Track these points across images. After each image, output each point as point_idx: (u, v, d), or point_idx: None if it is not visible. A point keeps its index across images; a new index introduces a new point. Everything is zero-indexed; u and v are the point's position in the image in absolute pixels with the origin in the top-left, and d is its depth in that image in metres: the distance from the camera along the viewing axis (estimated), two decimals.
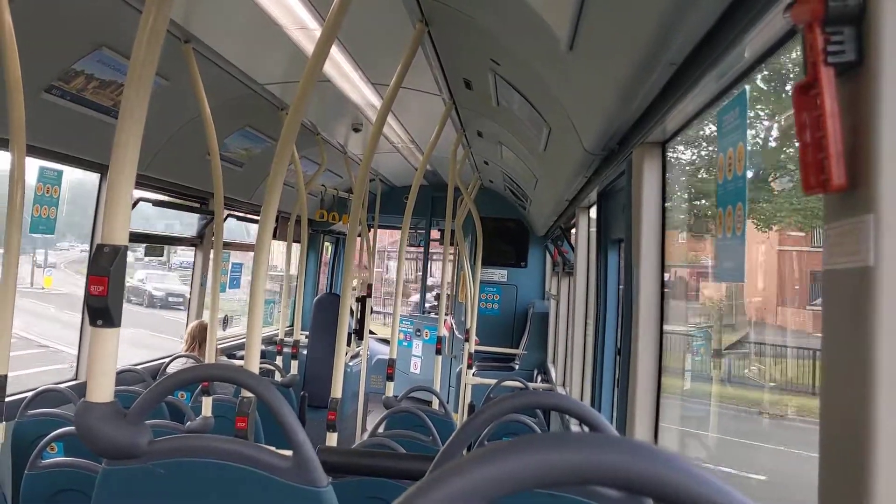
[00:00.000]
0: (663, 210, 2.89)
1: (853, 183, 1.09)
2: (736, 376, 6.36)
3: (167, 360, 6.05)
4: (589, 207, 5.38)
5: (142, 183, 5.60)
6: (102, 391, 1.85)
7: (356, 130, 7.12)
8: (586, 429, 1.87)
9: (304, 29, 4.10)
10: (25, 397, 4.12)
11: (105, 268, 1.86)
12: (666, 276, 2.91)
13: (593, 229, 5.08)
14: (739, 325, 6.67)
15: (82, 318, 5.29)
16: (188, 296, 7.11)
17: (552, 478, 0.56)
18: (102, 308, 1.86)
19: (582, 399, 5.33)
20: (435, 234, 11.73)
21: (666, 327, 2.84)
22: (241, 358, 7.44)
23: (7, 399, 3.07)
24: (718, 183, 2.06)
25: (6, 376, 3.01)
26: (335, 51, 4.49)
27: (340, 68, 4.93)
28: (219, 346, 6.35)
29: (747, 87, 2.00)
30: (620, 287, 4.27)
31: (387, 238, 22.98)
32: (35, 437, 3.58)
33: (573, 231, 6.19)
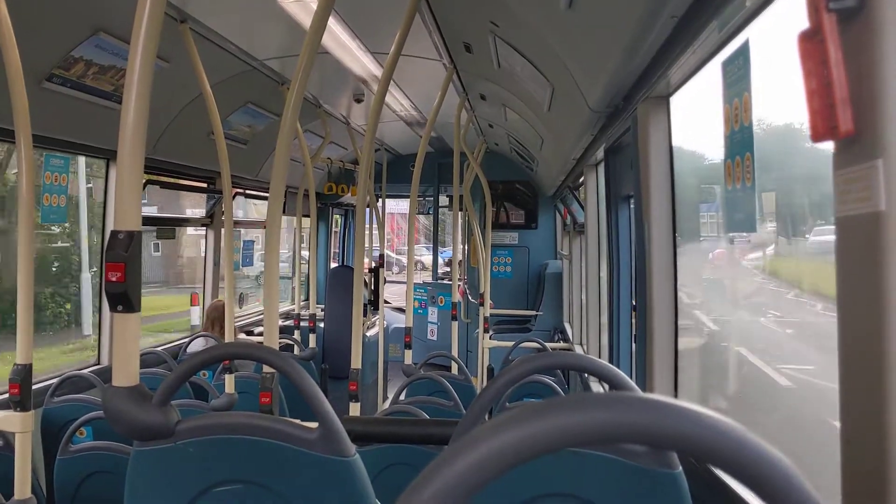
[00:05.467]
0: (671, 164, 2.88)
1: (860, 129, 1.09)
2: None
3: (187, 340, 6.12)
4: (597, 165, 5.36)
5: (149, 166, 5.60)
6: (128, 375, 1.87)
7: (358, 101, 7.09)
8: (607, 387, 1.89)
9: (299, 1, 4.07)
10: (51, 384, 4.19)
11: (121, 254, 1.87)
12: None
13: (602, 187, 5.07)
14: None
15: (100, 305, 5.34)
16: None
17: (586, 438, 0.57)
18: (121, 294, 1.88)
19: (600, 356, 5.36)
20: (444, 200, 11.72)
21: None
22: (259, 335, 7.49)
23: (33, 387, 3.11)
24: (725, 134, 2.06)
25: (31, 365, 3.05)
26: (332, 21, 4.46)
27: (339, 39, 4.90)
28: (236, 325, 6.42)
29: (750, 36, 1.99)
30: (632, 243, 4.27)
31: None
32: (63, 423, 3.64)
33: (581, 190, 6.17)
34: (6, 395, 3.11)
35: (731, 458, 0.56)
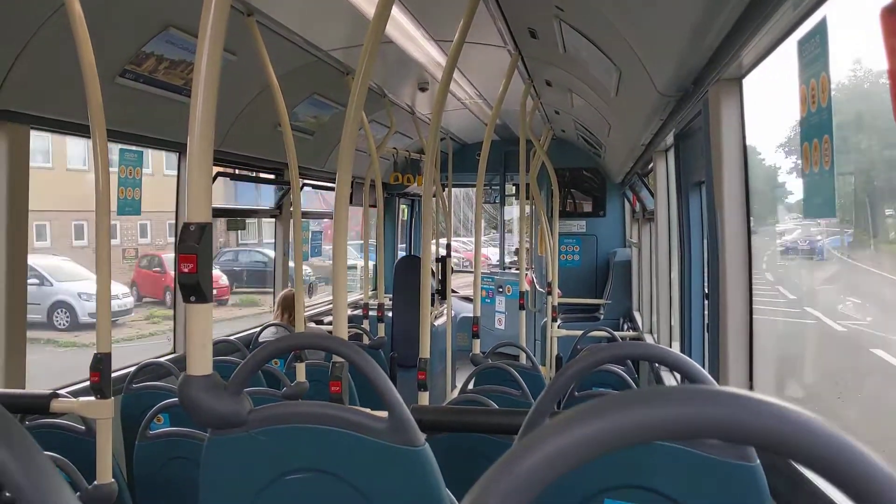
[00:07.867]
0: (745, 148, 2.80)
1: None
2: None
3: (258, 329, 6.22)
4: (666, 151, 5.26)
5: (218, 158, 5.69)
6: (202, 364, 1.91)
7: (423, 90, 7.08)
8: (678, 377, 1.85)
9: None
10: (129, 372, 4.31)
11: (192, 246, 1.91)
12: None
13: (672, 173, 4.96)
14: None
15: (175, 294, 5.47)
16: None
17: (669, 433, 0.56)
18: (194, 285, 1.91)
19: (671, 345, 5.26)
20: (510, 189, 11.65)
21: None
22: (329, 324, 7.59)
23: (112, 375, 3.20)
24: (801, 116, 1.98)
25: (110, 354, 3.14)
26: (396, 10, 4.45)
27: (402, 28, 4.90)
28: (306, 314, 6.50)
29: (827, 13, 1.90)
30: (704, 230, 4.17)
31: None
32: (142, 409, 3.74)
33: (651, 176, 6.06)
34: (87, 383, 3.21)
35: (825, 459, 0.54)
